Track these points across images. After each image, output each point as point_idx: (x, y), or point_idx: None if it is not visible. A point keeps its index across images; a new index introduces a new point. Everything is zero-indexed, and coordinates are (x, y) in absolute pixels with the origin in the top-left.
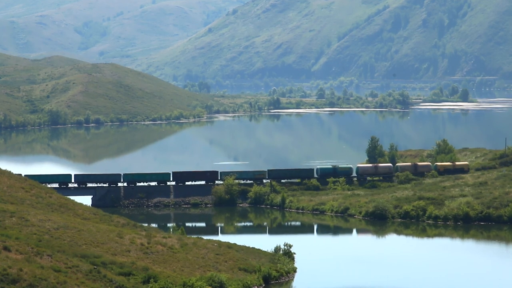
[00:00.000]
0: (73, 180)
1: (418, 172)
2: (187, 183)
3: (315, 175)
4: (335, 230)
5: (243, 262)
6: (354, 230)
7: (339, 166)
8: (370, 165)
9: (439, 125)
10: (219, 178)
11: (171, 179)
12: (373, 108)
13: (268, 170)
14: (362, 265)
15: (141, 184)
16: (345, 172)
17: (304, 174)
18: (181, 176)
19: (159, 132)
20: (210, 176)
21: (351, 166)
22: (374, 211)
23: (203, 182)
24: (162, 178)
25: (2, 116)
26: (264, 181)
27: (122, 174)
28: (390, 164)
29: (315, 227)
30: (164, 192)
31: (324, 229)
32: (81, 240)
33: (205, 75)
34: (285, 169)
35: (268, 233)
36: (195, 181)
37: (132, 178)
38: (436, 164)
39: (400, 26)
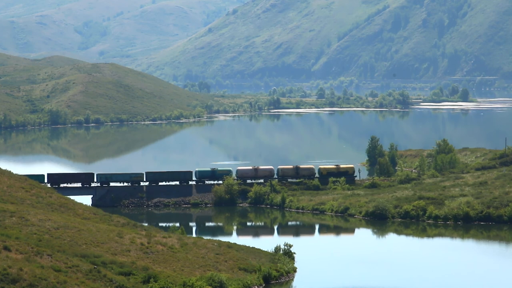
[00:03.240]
0: (95, 179)
1: (300, 175)
2: (62, 185)
3: (194, 178)
4: (336, 230)
5: (243, 262)
6: (354, 230)
7: (218, 169)
8: (250, 167)
9: (439, 125)
10: (95, 180)
11: (45, 181)
12: (373, 108)
13: (146, 173)
14: (362, 265)
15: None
16: (224, 175)
17: (182, 176)
18: (55, 178)
19: (159, 132)
20: (85, 178)
21: (230, 169)
22: (374, 211)
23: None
24: (35, 180)
25: (2, 116)
26: (142, 183)
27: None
28: (271, 167)
29: (316, 226)
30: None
31: (324, 229)
32: (81, 240)
33: (205, 75)
34: (163, 171)
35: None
36: (70, 183)
37: None
38: (320, 167)
39: (400, 26)
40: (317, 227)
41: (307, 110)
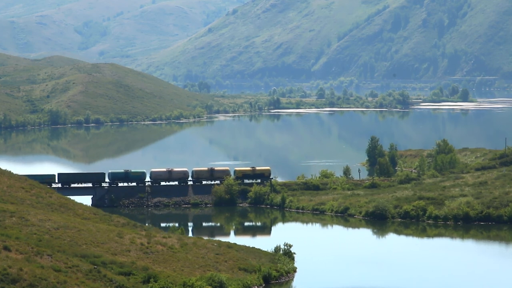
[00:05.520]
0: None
1: (215, 177)
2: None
3: (107, 179)
4: (335, 230)
5: (243, 262)
6: (354, 230)
7: (132, 171)
8: (164, 169)
9: (439, 125)
10: None
11: None
12: (373, 108)
13: (58, 174)
14: (362, 265)
15: None
16: (137, 177)
17: (95, 178)
18: None
19: (159, 132)
20: None
21: (144, 171)
22: (374, 211)
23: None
24: None
25: (2, 116)
26: (53, 185)
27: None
28: (185, 169)
29: (316, 226)
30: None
31: (324, 229)
32: (81, 240)
33: (205, 75)
34: (75, 172)
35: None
36: None
37: None
38: (235, 169)
39: (400, 26)
40: (316, 227)
41: (307, 110)
